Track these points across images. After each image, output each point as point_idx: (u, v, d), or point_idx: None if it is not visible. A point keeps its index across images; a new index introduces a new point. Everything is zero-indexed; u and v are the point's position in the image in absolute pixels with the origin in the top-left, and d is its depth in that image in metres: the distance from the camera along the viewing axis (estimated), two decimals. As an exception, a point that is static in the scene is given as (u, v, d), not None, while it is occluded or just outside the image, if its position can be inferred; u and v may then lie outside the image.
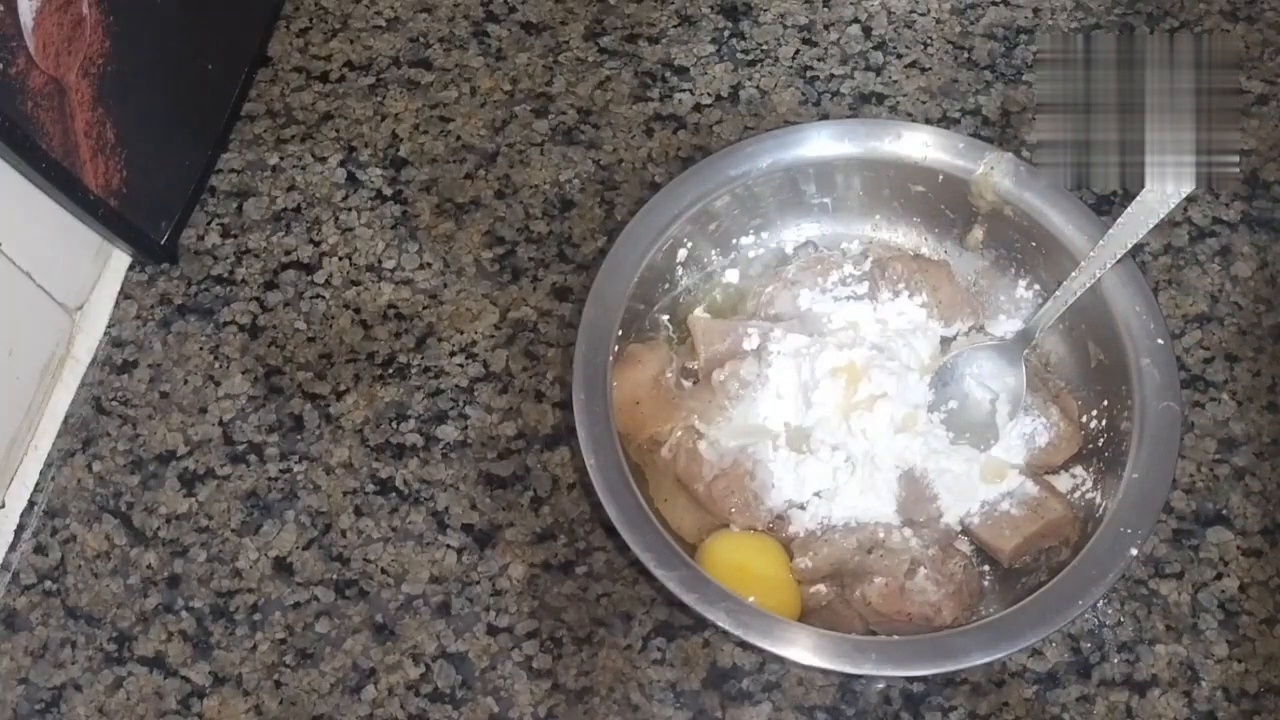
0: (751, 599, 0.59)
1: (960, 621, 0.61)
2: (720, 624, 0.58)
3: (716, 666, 0.63)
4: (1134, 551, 0.59)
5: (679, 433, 0.65)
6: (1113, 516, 0.60)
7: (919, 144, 0.68)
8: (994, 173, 0.67)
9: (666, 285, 0.70)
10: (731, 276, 0.71)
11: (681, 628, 0.64)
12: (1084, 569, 0.59)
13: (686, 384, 0.67)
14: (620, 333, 0.66)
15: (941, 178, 0.67)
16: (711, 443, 0.64)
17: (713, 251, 0.71)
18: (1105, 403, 0.65)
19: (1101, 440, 0.64)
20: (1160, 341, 0.63)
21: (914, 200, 0.70)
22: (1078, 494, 0.64)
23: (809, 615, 0.62)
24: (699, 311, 0.70)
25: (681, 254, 0.69)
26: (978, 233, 0.69)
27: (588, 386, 0.63)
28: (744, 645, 0.63)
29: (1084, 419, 0.66)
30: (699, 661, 0.64)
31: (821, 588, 0.63)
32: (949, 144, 0.68)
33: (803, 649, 0.58)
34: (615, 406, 0.64)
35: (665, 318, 0.70)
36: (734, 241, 0.71)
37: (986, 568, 0.64)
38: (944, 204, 0.69)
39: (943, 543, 0.63)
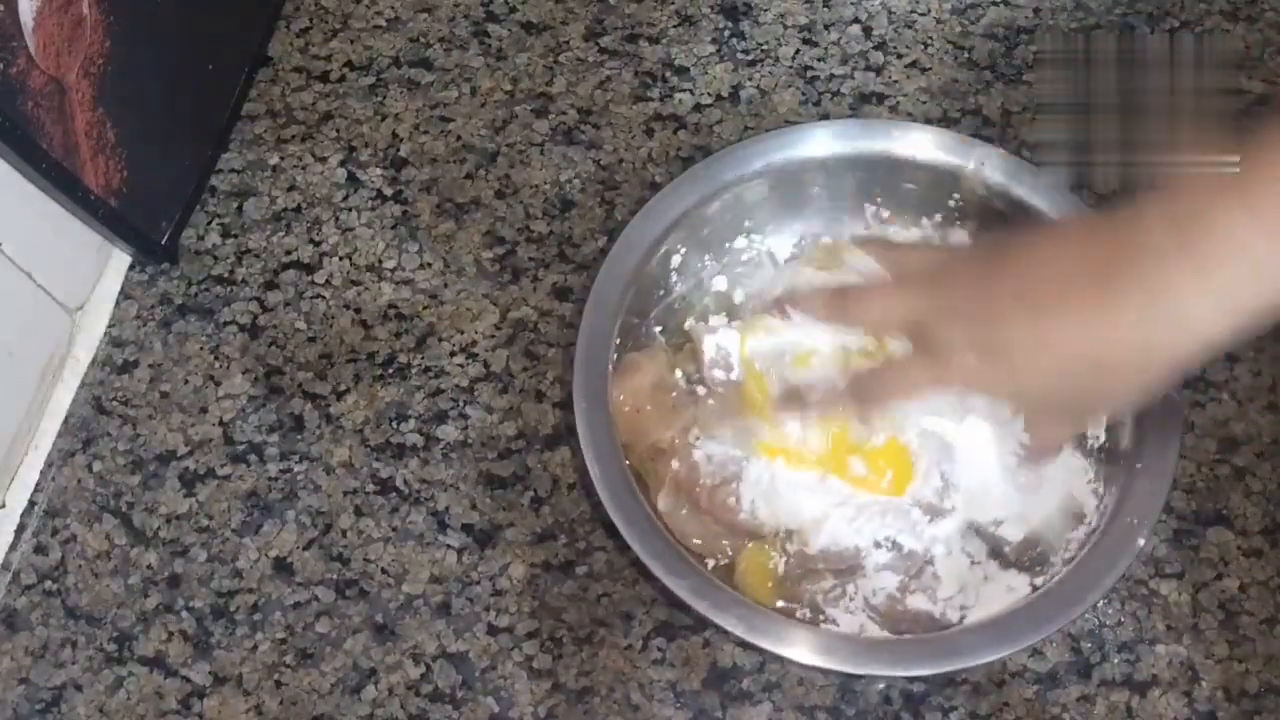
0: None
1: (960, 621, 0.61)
2: (721, 624, 0.58)
3: (717, 666, 0.63)
4: (1135, 550, 0.59)
5: (679, 440, 0.65)
6: (1113, 516, 0.60)
7: (920, 143, 0.68)
8: (984, 169, 0.67)
9: (662, 291, 0.69)
10: (728, 282, 0.71)
11: (682, 628, 0.64)
12: (1084, 569, 0.59)
13: (685, 388, 0.67)
14: (619, 340, 0.66)
15: (939, 176, 0.67)
16: (711, 452, 0.64)
17: (705, 256, 0.70)
18: (1105, 402, 0.65)
19: (1102, 440, 0.64)
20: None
21: (915, 200, 0.70)
22: (1078, 493, 0.64)
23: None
24: (697, 318, 0.70)
25: (675, 260, 0.69)
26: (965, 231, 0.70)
27: (589, 394, 0.63)
28: (744, 645, 0.63)
29: (1084, 418, 0.66)
30: (699, 661, 0.64)
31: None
32: (949, 143, 0.68)
33: (803, 649, 0.58)
34: (616, 415, 0.63)
35: (657, 329, 0.69)
36: (727, 246, 0.71)
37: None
38: (946, 204, 0.69)
39: (950, 540, 0.63)
